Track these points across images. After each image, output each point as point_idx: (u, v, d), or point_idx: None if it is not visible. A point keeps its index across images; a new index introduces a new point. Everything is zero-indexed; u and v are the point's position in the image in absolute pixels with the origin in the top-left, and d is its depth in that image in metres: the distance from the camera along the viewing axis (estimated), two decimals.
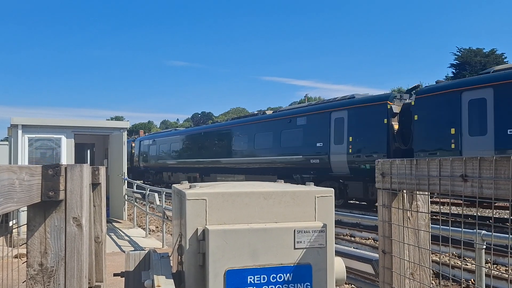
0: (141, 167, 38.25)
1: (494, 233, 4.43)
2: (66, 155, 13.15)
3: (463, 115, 13.85)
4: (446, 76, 52.00)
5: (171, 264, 2.71)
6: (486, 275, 4.10)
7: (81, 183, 1.81)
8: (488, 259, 8.44)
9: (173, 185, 2.99)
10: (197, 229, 2.27)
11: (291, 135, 20.98)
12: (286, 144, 21.21)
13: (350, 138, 17.72)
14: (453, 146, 14.00)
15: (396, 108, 16.49)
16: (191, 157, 30.06)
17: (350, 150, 17.64)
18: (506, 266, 8.88)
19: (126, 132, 14.59)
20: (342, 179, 18.67)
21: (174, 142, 33.11)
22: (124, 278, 3.08)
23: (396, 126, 16.33)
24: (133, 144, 41.01)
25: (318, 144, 19.15)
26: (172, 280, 2.26)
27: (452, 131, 14.05)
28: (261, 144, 22.90)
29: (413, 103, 15.75)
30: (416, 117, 15.30)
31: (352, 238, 12.98)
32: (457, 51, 52.76)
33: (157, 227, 14.30)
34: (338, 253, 3.86)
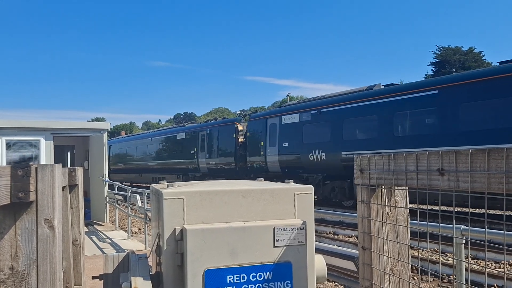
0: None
1: (474, 228, 4.47)
2: (45, 158, 12.92)
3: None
4: (426, 74, 52.67)
5: (150, 265, 2.67)
6: (466, 269, 4.13)
7: (52, 184, 1.76)
8: (470, 254, 8.56)
9: (151, 185, 2.94)
10: (174, 229, 2.23)
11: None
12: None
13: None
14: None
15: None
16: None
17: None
18: (487, 261, 9.02)
19: (106, 133, 14.41)
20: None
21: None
22: (102, 281, 3.02)
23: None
24: None
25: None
26: (150, 281, 2.22)
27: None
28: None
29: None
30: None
31: (336, 236, 13.03)
32: (437, 50, 53.52)
33: (139, 229, 14.16)
34: (321, 251, 3.86)
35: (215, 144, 25.49)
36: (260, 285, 2.26)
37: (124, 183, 21.97)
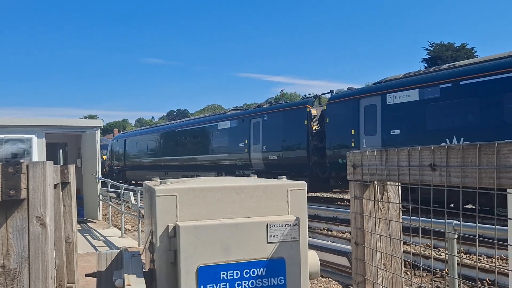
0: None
1: (466, 223, 4.50)
2: (38, 155, 12.84)
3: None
4: (419, 70, 52.79)
5: (144, 263, 2.66)
6: (458, 264, 4.17)
7: (44, 181, 1.75)
8: (462, 249, 8.62)
9: (144, 182, 2.93)
10: (167, 225, 2.23)
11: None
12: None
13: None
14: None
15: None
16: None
17: None
18: (478, 255, 9.09)
19: (99, 130, 14.34)
20: None
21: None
22: (96, 278, 3.01)
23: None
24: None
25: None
26: (143, 278, 2.21)
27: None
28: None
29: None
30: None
31: (329, 232, 13.08)
32: (429, 46, 53.68)
33: (133, 226, 14.13)
34: (315, 247, 3.87)
35: (277, 134, 19.82)
36: (254, 281, 2.26)
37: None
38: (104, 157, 37.28)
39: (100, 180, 14.23)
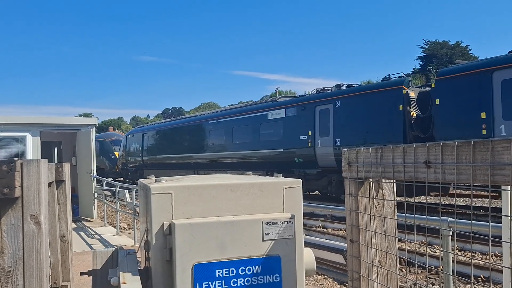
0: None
1: (460, 220, 4.52)
2: (32, 154, 12.78)
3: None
4: (413, 69, 52.98)
5: (139, 261, 2.66)
6: (452, 261, 4.18)
7: (38, 179, 1.74)
8: (457, 246, 8.66)
9: (139, 180, 2.92)
10: (163, 223, 2.22)
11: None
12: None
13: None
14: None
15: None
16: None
17: None
18: (473, 252, 9.14)
19: (94, 128, 14.30)
20: None
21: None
22: (91, 277, 3.00)
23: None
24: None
25: None
26: (139, 276, 2.21)
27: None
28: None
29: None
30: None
31: (325, 230, 13.11)
32: (424, 44, 53.84)
33: (128, 224, 14.10)
34: (310, 244, 3.88)
35: (356, 123, 16.02)
36: (249, 278, 2.26)
37: None
38: (117, 153, 36.65)
39: (95, 178, 14.19)
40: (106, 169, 36.39)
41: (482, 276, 7.47)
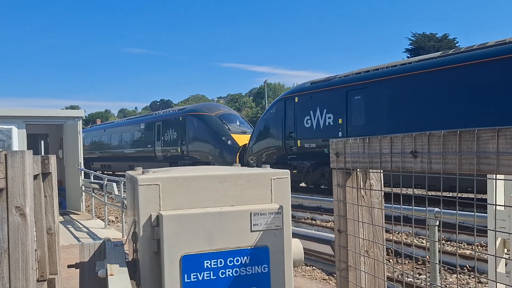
0: None
1: (447, 210, 4.57)
2: (18, 146, 12.63)
3: None
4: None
5: (127, 253, 2.64)
6: (439, 251, 4.24)
7: (23, 171, 1.72)
8: (443, 236, 8.77)
9: (126, 171, 2.90)
10: (150, 215, 2.21)
11: None
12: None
13: None
14: None
15: None
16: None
17: None
18: (459, 243, 9.26)
19: (81, 121, 14.16)
20: None
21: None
22: (78, 269, 2.98)
23: None
24: None
25: None
26: (126, 268, 2.20)
27: None
28: None
29: None
30: None
31: (313, 222, 13.18)
32: (412, 36, 54.10)
33: (116, 217, 14.04)
34: (299, 235, 3.89)
35: None
36: (238, 269, 2.26)
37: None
38: (238, 136, 23.38)
39: (82, 171, 14.08)
40: (212, 159, 23.23)
41: (468, 266, 7.58)
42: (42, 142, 17.18)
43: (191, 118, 25.07)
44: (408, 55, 53.44)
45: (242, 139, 23.08)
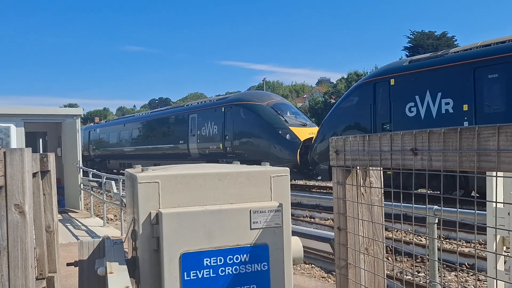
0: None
1: (446, 208, 4.57)
2: (16, 145, 12.61)
3: None
4: (400, 59, 53.31)
5: (126, 251, 2.64)
6: (438, 249, 4.24)
7: (22, 168, 1.71)
8: (442, 234, 8.78)
9: (126, 169, 2.90)
10: (150, 213, 2.21)
11: None
12: None
13: None
14: None
15: None
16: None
17: None
18: (458, 241, 9.27)
19: (79, 119, 14.14)
20: None
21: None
22: (78, 267, 2.98)
23: None
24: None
25: None
26: (126, 266, 2.20)
27: None
28: None
29: None
30: None
31: (312, 220, 13.19)
32: (410, 34, 54.12)
33: (115, 215, 14.03)
34: (297, 233, 3.89)
35: None
36: (237, 267, 2.26)
37: None
38: (297, 130, 19.40)
39: (81, 170, 14.07)
40: (265, 157, 18.07)
41: (466, 263, 7.59)
42: (41, 140, 17.16)
43: (237, 109, 21.09)
44: (407, 53, 53.44)
45: (302, 133, 19.09)
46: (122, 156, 31.38)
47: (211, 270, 2.22)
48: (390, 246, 7.84)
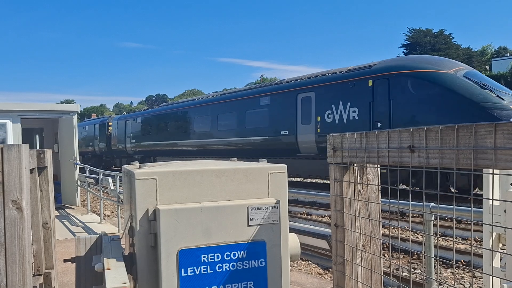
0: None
1: (443, 205, 4.58)
2: (13, 141, 12.57)
3: None
4: (397, 56, 53.35)
5: (123, 247, 2.64)
6: (434, 246, 4.25)
7: (19, 164, 1.71)
8: (439, 231, 8.82)
9: (123, 166, 2.90)
10: (147, 209, 2.21)
11: None
12: None
13: None
14: None
15: None
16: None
17: None
18: (454, 238, 9.31)
19: (76, 115, 14.10)
20: None
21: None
22: (75, 263, 2.98)
23: None
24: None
25: None
26: (123, 262, 2.20)
27: None
28: None
29: None
30: None
31: (309, 216, 13.21)
32: (408, 32, 54.12)
33: (112, 212, 14.02)
34: (295, 230, 3.90)
35: None
36: (235, 263, 2.27)
37: None
38: None
39: (77, 166, 14.04)
40: None
41: (462, 260, 7.63)
42: (37, 136, 17.11)
43: (401, 81, 14.00)
44: (404, 51, 53.50)
45: None
46: (178, 152, 24.65)
47: (208, 266, 2.23)
48: (387, 243, 7.87)
